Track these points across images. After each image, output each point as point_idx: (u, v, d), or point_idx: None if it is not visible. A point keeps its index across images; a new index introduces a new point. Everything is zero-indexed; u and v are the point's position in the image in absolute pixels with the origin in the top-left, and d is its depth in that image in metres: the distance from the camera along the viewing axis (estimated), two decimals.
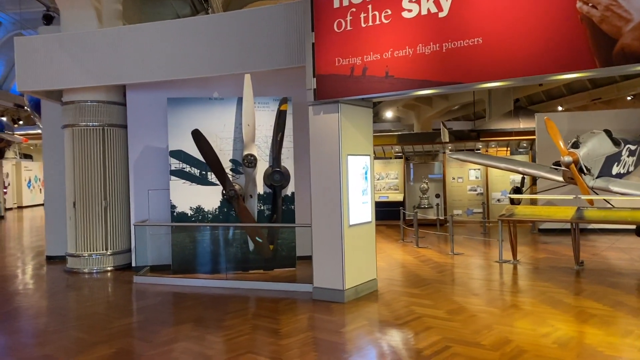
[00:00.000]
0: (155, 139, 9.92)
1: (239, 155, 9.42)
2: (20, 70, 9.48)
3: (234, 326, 6.09)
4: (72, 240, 10.01)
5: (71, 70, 9.35)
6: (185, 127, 9.26)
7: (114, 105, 10.12)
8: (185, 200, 9.33)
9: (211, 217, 9.40)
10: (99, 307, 7.25)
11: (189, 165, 9.38)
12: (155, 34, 9.20)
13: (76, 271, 9.91)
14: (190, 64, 9.10)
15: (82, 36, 9.35)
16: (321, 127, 7.18)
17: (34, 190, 32.47)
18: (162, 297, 7.74)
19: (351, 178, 7.25)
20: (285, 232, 9.53)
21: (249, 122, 9.16)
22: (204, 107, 9.42)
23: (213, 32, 8.98)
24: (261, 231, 9.30)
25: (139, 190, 9.93)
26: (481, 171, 15.96)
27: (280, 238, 9.55)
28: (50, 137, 11.50)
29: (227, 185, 9.14)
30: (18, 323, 6.48)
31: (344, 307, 6.83)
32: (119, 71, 9.32)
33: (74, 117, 9.90)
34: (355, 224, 7.30)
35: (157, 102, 9.88)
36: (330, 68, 6.77)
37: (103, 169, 9.95)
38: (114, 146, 10.10)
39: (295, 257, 9.52)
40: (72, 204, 9.98)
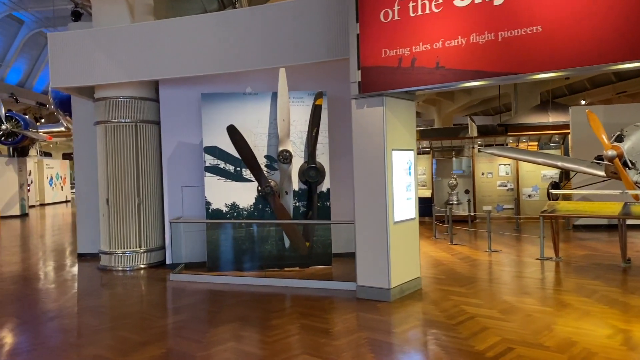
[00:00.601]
0: (188, 135, 9.80)
1: (274, 151, 9.26)
2: (54, 66, 9.40)
3: (282, 325, 5.93)
4: (106, 238, 9.94)
5: (104, 66, 9.25)
6: (220, 123, 9.13)
7: (146, 102, 10.01)
8: (220, 196, 9.20)
9: (246, 214, 9.26)
10: (140, 306, 7.15)
11: (224, 162, 9.25)
12: (189, 28, 9.05)
13: (110, 269, 9.84)
14: (224, 58, 8.95)
15: (115, 31, 9.24)
16: (365, 121, 6.98)
17: (55, 188, 32.74)
18: (201, 295, 7.61)
19: (396, 173, 7.04)
20: (321, 229, 9.36)
21: (284, 117, 8.99)
22: (238, 102, 9.27)
23: (248, 26, 8.81)
24: (297, 228, 9.13)
25: (173, 187, 9.82)
26: (511, 166, 15.63)
27: (316, 235, 9.38)
28: (81, 134, 11.47)
29: (262, 182, 8.99)
30: (63, 322, 6.38)
31: (390, 306, 6.64)
32: (152, 67, 9.19)
33: (106, 114, 9.82)
34: (400, 221, 7.10)
35: (190, 98, 9.76)
36: (376, 60, 6.56)
37: (136, 165, 9.86)
38: (147, 142, 10.00)
39: (331, 255, 9.35)
40: (105, 201, 9.89)
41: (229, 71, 9.05)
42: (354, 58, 6.80)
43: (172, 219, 9.40)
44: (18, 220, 21.63)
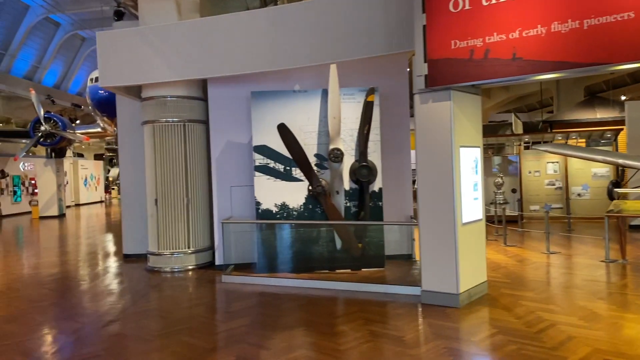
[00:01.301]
0: (237, 134, 9.61)
1: (324, 149, 8.99)
2: (102, 65, 9.32)
3: (350, 332, 5.65)
4: (154, 239, 9.82)
5: (153, 64, 9.12)
6: (269, 121, 8.91)
7: (194, 101, 9.86)
8: (269, 196, 8.98)
9: (296, 214, 9.01)
10: (197, 309, 6.95)
11: (274, 161, 9.02)
12: (239, 25, 8.84)
13: (158, 270, 9.71)
14: (274, 55, 8.71)
15: (164, 29, 9.10)
16: (430, 117, 6.64)
17: (89, 188, 33.19)
18: (257, 298, 7.38)
19: (462, 172, 6.69)
20: (373, 231, 9.05)
21: (334, 114, 8.71)
22: (288, 100, 9.03)
23: (298, 21, 8.56)
24: (349, 229, 8.85)
25: (221, 187, 9.63)
26: (560, 164, 15.06)
27: (368, 236, 9.09)
28: (126, 134, 11.40)
29: (314, 181, 8.72)
30: (123, 326, 6.23)
31: (460, 312, 6.29)
32: (202, 65, 9.02)
33: (154, 113, 9.69)
34: (468, 222, 6.74)
35: (239, 96, 9.57)
36: (445, 52, 6.22)
37: (184, 165, 9.71)
38: (195, 142, 9.85)
39: (383, 257, 9.04)
40: (154, 201, 9.77)
41: (279, 68, 8.81)
42: (419, 50, 6.47)
43: (223, 219, 9.18)
44: (56, 221, 21.88)
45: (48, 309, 7.22)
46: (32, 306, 7.41)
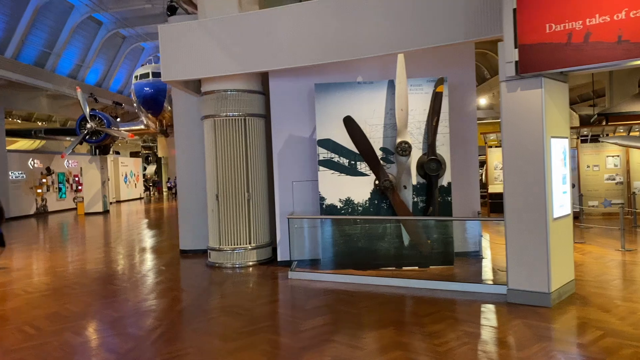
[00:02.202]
0: (298, 128, 9.42)
1: (390, 142, 8.72)
2: (165, 59, 9.23)
3: (443, 333, 5.37)
4: (215, 234, 9.70)
5: (215, 57, 8.97)
6: (334, 114, 8.68)
7: (254, 94, 9.70)
8: (334, 191, 8.75)
9: (361, 210, 8.76)
10: (273, 306, 6.78)
11: (338, 155, 8.79)
12: (302, 15, 8.61)
13: (218, 266, 9.60)
14: (338, 46, 8.43)
15: (227, 21, 8.93)
16: (518, 106, 6.29)
17: (129, 185, 33.64)
18: (331, 296, 7.15)
19: (553, 164, 6.32)
20: (441, 227, 8.74)
21: (402, 106, 8.41)
22: (353, 92, 8.78)
23: (363, 10, 8.26)
24: (418, 225, 8.56)
25: (283, 182, 9.45)
26: (621, 158, 14.42)
27: (436, 233, 8.78)
28: (182, 130, 11.33)
29: (381, 175, 8.45)
30: (205, 324, 6.08)
31: (553, 312, 5.94)
32: (264, 57, 8.81)
33: (214, 108, 9.56)
34: (559, 217, 6.37)
35: (301, 89, 9.38)
36: (539, 36, 5.86)
37: (245, 160, 9.56)
38: (255, 136, 9.69)
39: (452, 254, 8.72)
40: (214, 196, 9.65)
41: (344, 59, 8.53)
42: (509, 35, 6.12)
43: (287, 215, 8.98)
44: (101, 217, 22.16)
45: (121, 305, 7.15)
46: (104, 302, 7.36)
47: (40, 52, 23.73)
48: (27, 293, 8.07)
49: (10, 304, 7.43)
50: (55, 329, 6.09)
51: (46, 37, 23.67)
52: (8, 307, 7.20)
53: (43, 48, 23.71)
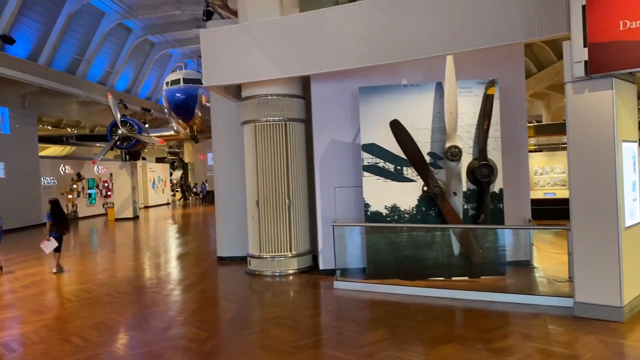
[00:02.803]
0: (340, 132, 9.17)
1: (438, 147, 8.41)
2: (206, 64, 9.07)
3: (513, 350, 5.03)
4: (255, 241, 9.49)
5: (258, 61, 8.77)
6: (379, 118, 8.42)
7: (294, 99, 9.49)
8: (379, 198, 8.47)
9: (408, 217, 8.45)
10: (323, 318, 6.53)
11: (383, 160, 8.51)
12: (345, 17, 8.34)
13: (258, 273, 9.38)
14: (383, 48, 8.15)
15: (269, 24, 8.74)
16: (587, 108, 5.94)
17: (157, 191, 33.81)
18: (383, 307, 6.84)
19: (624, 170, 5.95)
20: (493, 235, 8.38)
21: (451, 109, 8.10)
22: (399, 95, 8.50)
23: (409, 10, 7.96)
24: (470, 233, 8.21)
25: (325, 188, 9.19)
26: None
27: (488, 241, 8.41)
28: (220, 136, 11.18)
29: (430, 181, 8.14)
30: (258, 336, 5.84)
31: (627, 327, 5.56)
32: (307, 61, 8.57)
33: (255, 113, 9.37)
34: (631, 226, 5.98)
35: (343, 93, 9.14)
36: (612, 34, 5.51)
37: (286, 166, 9.34)
38: (295, 142, 9.47)
39: (505, 264, 8.35)
40: (254, 202, 9.45)
41: (391, 61, 8.24)
42: (577, 34, 5.77)
43: (332, 222, 8.69)
44: (131, 223, 22.20)
45: (166, 314, 6.97)
46: (148, 312, 7.19)
47: (72, 59, 24.02)
48: (69, 301, 7.95)
49: (54, 312, 7.31)
50: (103, 340, 5.92)
51: (77, 44, 23.95)
52: (52, 316, 7.08)
53: (74, 55, 23.98)
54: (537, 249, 9.35)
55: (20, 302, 7.98)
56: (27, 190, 20.96)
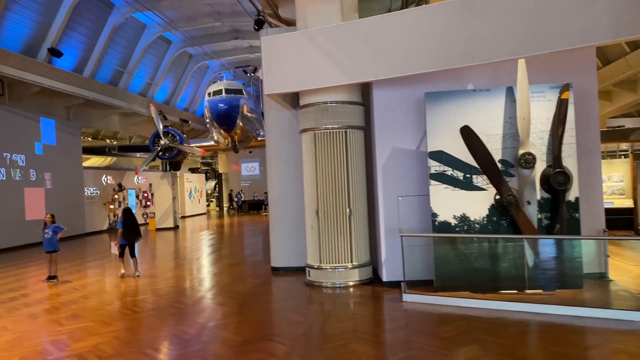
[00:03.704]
0: (404, 139, 8.90)
1: (510, 154, 8.08)
2: (268, 72, 8.95)
3: None
4: (314, 251, 9.27)
5: (322, 68, 8.62)
6: (446, 125, 8.16)
7: (354, 106, 9.29)
8: (447, 207, 8.16)
9: (478, 227, 8.12)
10: (403, 333, 6.24)
11: (451, 168, 8.21)
12: (414, 22, 8.13)
13: (318, 285, 9.15)
14: (448, 52, 7.91)
15: (334, 30, 8.58)
16: None
17: (193, 201, 34.02)
18: (463, 322, 6.52)
19: None
20: (569, 246, 7.96)
21: (524, 115, 7.77)
22: (467, 100, 8.22)
23: (476, 13, 7.70)
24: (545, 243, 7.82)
25: (388, 197, 8.92)
26: None
27: (564, 253, 8.00)
28: (274, 145, 11.04)
29: (504, 190, 7.80)
30: (337, 352, 5.59)
31: None
32: (371, 67, 8.37)
33: (314, 121, 9.20)
34: None
35: (406, 99, 8.89)
36: None
37: (347, 174, 9.12)
38: (355, 149, 9.24)
39: (581, 276, 7.91)
40: (313, 212, 9.25)
41: (459, 66, 7.99)
42: None
43: (400, 232, 8.38)
44: (172, 233, 22.28)
45: (238, 327, 6.78)
46: (217, 323, 7.02)
47: (115, 71, 24.42)
48: (134, 312, 7.85)
49: (121, 323, 7.19)
50: (180, 353, 5.76)
51: (120, 57, 24.35)
52: (121, 327, 6.96)
53: (117, 67, 24.38)
54: (611, 260, 8.89)
55: (85, 312, 7.92)
56: (71, 200, 21.27)
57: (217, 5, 23.10)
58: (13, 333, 6.89)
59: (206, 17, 24.13)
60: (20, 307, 8.45)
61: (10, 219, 17.63)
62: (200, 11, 23.75)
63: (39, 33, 18.94)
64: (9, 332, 6.94)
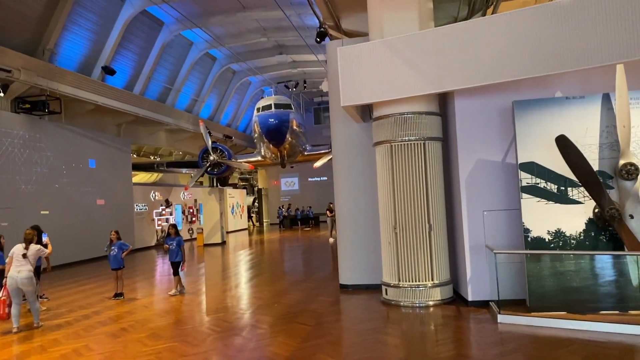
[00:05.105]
0: (488, 150, 8.47)
1: (608, 164, 7.59)
2: (345, 83, 8.71)
3: None
4: (392, 269, 8.89)
5: (403, 78, 8.33)
6: (538, 134, 7.74)
7: (432, 116, 8.93)
8: (541, 222, 7.69)
9: (574, 244, 7.60)
10: (517, 358, 5.77)
11: (544, 180, 7.75)
12: (505, 27, 7.77)
13: (395, 304, 8.74)
14: (536, 59, 7.51)
15: (417, 38, 8.31)
16: None
17: (235, 216, 34.02)
18: (577, 346, 6.03)
19: None
20: None
21: (624, 122, 7.30)
22: (559, 109, 7.78)
23: (570, 17, 7.28)
24: None
25: (472, 211, 8.49)
26: None
27: None
28: (342, 159, 10.75)
29: (605, 203, 7.28)
30: None
31: None
32: (457, 75, 8.04)
33: (390, 133, 8.87)
34: None
35: (489, 108, 8.48)
36: None
37: (426, 188, 8.73)
38: (435, 162, 8.86)
39: None
40: (390, 228, 8.88)
41: (549, 73, 7.59)
42: None
43: (493, 249, 7.89)
44: (220, 248, 22.20)
45: (332, 348, 6.44)
46: (308, 344, 6.66)
47: (163, 88, 24.71)
48: (214, 332, 7.60)
49: (207, 344, 6.93)
50: None
51: (168, 74, 24.65)
52: (209, 349, 6.70)
53: (165, 84, 24.68)
54: None
55: (164, 332, 7.71)
56: (122, 216, 21.41)
57: (263, 21, 23.19)
58: (99, 354, 6.72)
59: (252, 33, 24.25)
60: (96, 326, 8.32)
61: (78, 234, 17.94)
62: (246, 27, 23.88)
63: (93, 52, 19.30)
64: (95, 353, 6.77)
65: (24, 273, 7.99)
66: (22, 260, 8.06)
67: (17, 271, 7.99)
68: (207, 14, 21.76)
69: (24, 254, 8.09)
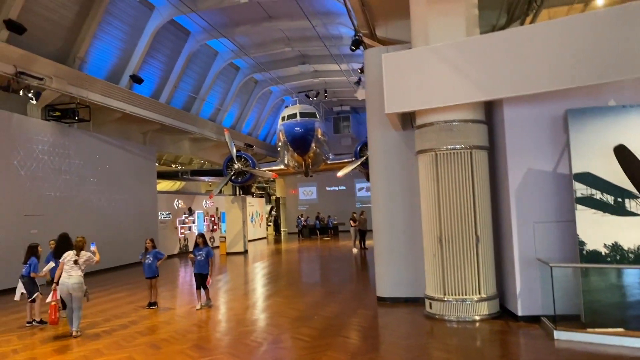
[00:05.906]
0: (539, 160, 8.20)
1: None
2: (389, 90, 8.54)
3: None
4: (437, 282, 8.63)
5: (451, 85, 8.15)
6: (593, 144, 7.47)
7: (479, 124, 8.70)
8: (596, 234, 7.40)
9: (632, 257, 7.30)
10: None
11: (600, 191, 7.46)
12: (556, 33, 7.59)
13: (439, 318, 8.47)
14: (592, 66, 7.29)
15: (466, 44, 8.14)
16: None
17: (255, 225, 33.90)
18: None
19: None
20: None
21: None
22: (616, 117, 7.51)
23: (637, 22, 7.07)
24: None
25: (522, 223, 8.21)
26: None
27: None
28: (379, 168, 10.54)
29: None
30: None
31: None
32: (508, 82, 7.85)
33: (435, 141, 8.66)
34: None
35: (539, 116, 8.22)
36: None
37: (473, 198, 8.49)
38: (481, 171, 8.62)
39: None
40: (435, 239, 8.64)
41: (609, 80, 7.38)
42: None
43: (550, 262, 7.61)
44: (242, 257, 22.04)
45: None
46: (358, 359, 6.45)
47: (188, 97, 24.78)
48: (258, 344, 7.41)
49: (254, 357, 6.73)
50: None
51: (193, 83, 24.72)
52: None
53: (190, 93, 24.74)
54: None
55: (207, 343, 7.55)
56: (147, 224, 21.37)
57: (288, 31, 23.18)
58: None
59: (276, 43, 24.26)
60: (136, 336, 8.16)
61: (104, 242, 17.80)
62: (271, 37, 23.90)
63: (122, 60, 19.39)
64: None
65: (74, 278, 8.19)
66: (74, 266, 8.25)
67: (67, 277, 8.18)
68: (233, 23, 21.80)
69: (75, 260, 8.27)
